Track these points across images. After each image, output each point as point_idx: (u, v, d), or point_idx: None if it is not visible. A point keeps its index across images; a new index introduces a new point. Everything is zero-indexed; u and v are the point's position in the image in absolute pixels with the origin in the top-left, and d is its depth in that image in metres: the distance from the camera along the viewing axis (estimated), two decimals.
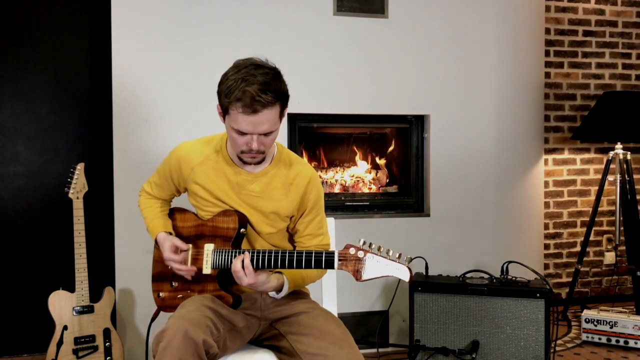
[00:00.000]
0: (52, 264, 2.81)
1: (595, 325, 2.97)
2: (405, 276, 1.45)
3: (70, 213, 2.35)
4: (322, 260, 1.51)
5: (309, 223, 1.74)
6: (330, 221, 2.02)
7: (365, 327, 2.90)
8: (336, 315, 1.78)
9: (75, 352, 2.33)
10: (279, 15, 2.76)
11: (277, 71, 1.55)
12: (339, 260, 1.49)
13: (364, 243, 1.48)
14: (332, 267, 1.50)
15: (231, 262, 1.61)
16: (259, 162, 1.65)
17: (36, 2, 2.76)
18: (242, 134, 1.53)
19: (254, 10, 2.73)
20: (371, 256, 1.47)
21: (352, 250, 1.48)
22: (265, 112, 1.50)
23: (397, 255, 1.47)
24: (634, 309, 3.26)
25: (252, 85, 1.47)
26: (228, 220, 1.66)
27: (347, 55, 2.84)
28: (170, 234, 1.75)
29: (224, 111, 1.54)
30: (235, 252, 1.62)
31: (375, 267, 1.46)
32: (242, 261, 1.54)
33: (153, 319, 1.86)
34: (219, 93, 1.54)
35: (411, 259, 1.48)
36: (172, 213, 1.83)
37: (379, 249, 1.48)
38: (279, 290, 1.64)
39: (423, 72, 2.93)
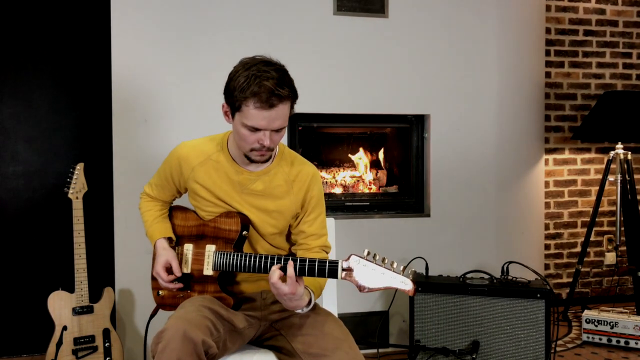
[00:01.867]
0: (52, 264, 2.80)
1: (596, 326, 2.97)
2: (409, 289, 1.44)
3: (70, 213, 2.34)
4: (326, 270, 1.50)
5: (313, 222, 1.72)
6: (330, 221, 2.01)
7: (365, 327, 2.89)
8: (336, 315, 1.77)
9: (74, 352, 2.33)
10: (279, 15, 2.76)
11: (285, 68, 1.55)
12: (343, 270, 1.48)
13: (368, 254, 1.47)
14: (336, 277, 1.48)
15: (232, 264, 1.61)
16: (266, 160, 1.63)
17: (36, 1, 2.75)
18: (255, 130, 1.52)
19: (253, 10, 2.73)
20: (375, 267, 1.45)
21: (355, 261, 1.47)
22: (280, 106, 1.50)
23: (400, 268, 1.46)
24: (635, 310, 3.26)
25: (269, 80, 1.47)
26: (230, 222, 1.66)
27: (347, 55, 2.84)
28: (170, 238, 1.74)
29: (235, 108, 1.53)
30: (237, 255, 1.61)
31: (379, 278, 1.45)
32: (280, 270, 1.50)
33: (152, 316, 1.86)
34: (229, 90, 1.53)
35: (415, 272, 1.47)
36: (174, 211, 1.82)
37: (383, 260, 1.47)
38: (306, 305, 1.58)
39: (423, 72, 2.93)
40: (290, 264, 1.49)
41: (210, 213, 1.70)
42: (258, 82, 1.46)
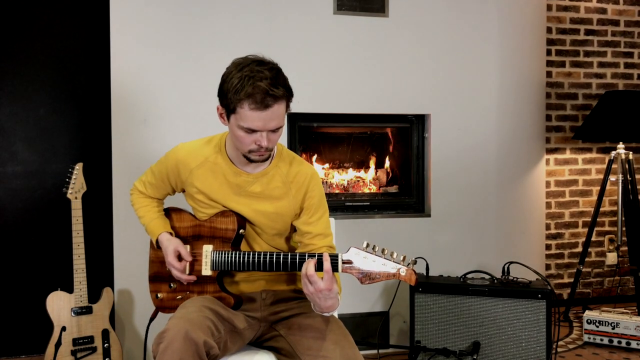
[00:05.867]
0: (51, 265, 2.80)
1: (597, 327, 2.96)
2: (410, 279, 1.43)
3: (69, 213, 2.33)
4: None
5: (317, 222, 1.70)
6: (331, 221, 2.00)
7: (365, 328, 2.88)
8: (336, 316, 1.76)
9: (73, 353, 2.32)
10: (279, 15, 2.75)
11: (279, 66, 1.53)
12: (343, 263, 1.47)
13: (368, 245, 1.47)
14: (336, 270, 1.47)
15: (231, 262, 1.60)
16: (266, 159, 1.62)
17: (35, 1, 2.74)
18: (251, 131, 1.50)
19: (253, 9, 2.72)
20: (375, 258, 1.45)
21: (355, 253, 1.46)
22: (275, 107, 1.48)
23: (401, 258, 1.46)
24: (636, 310, 3.25)
25: (263, 81, 1.45)
26: (227, 221, 1.65)
27: (347, 54, 2.83)
28: (171, 234, 1.74)
29: (230, 111, 1.51)
30: (235, 253, 1.60)
31: (380, 269, 1.44)
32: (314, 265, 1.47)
33: (151, 320, 1.85)
34: (223, 92, 1.51)
35: (415, 261, 1.46)
36: (168, 213, 1.81)
37: (382, 251, 1.46)
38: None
39: (424, 71, 2.92)
40: (327, 257, 1.46)
41: (208, 215, 1.69)
42: (252, 83, 1.44)
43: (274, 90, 1.45)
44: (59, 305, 2.31)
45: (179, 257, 1.68)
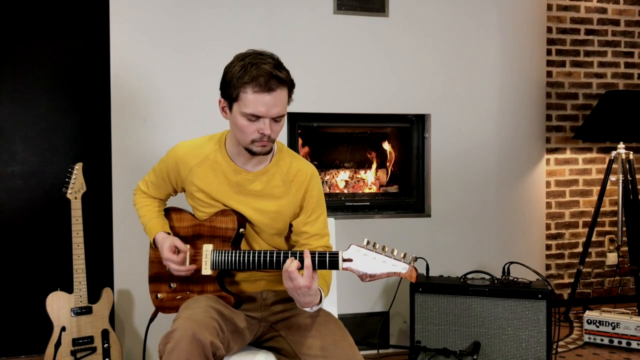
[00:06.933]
0: (50, 265, 2.79)
1: (597, 327, 2.95)
2: (410, 275, 1.43)
3: (69, 213, 2.33)
4: (327, 261, 1.49)
5: (314, 222, 1.70)
6: (331, 221, 2.00)
7: (365, 328, 2.88)
8: (336, 316, 1.76)
9: (73, 353, 2.31)
10: (279, 14, 2.75)
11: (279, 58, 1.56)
12: (344, 260, 1.47)
13: (368, 243, 1.47)
14: (337, 268, 1.47)
15: (231, 261, 1.60)
16: (268, 152, 1.61)
17: (34, 1, 2.74)
18: (255, 118, 1.51)
19: (253, 9, 2.72)
20: (376, 256, 1.45)
21: (355, 250, 1.46)
22: (278, 91, 1.49)
23: (402, 255, 1.46)
24: (637, 310, 3.24)
25: (266, 64, 1.48)
26: (227, 220, 1.64)
27: (347, 54, 2.83)
28: (169, 234, 1.73)
29: (232, 99, 1.52)
30: (236, 253, 1.60)
31: (381, 266, 1.44)
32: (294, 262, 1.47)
33: (151, 320, 1.85)
34: (226, 81, 1.53)
35: (416, 258, 1.46)
36: (168, 213, 1.81)
37: (383, 248, 1.46)
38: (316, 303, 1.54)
39: (424, 71, 2.92)
40: (307, 254, 1.47)
41: (208, 214, 1.69)
42: (256, 67, 1.47)
43: (277, 72, 1.48)
44: (59, 306, 2.31)
45: (177, 252, 1.67)
